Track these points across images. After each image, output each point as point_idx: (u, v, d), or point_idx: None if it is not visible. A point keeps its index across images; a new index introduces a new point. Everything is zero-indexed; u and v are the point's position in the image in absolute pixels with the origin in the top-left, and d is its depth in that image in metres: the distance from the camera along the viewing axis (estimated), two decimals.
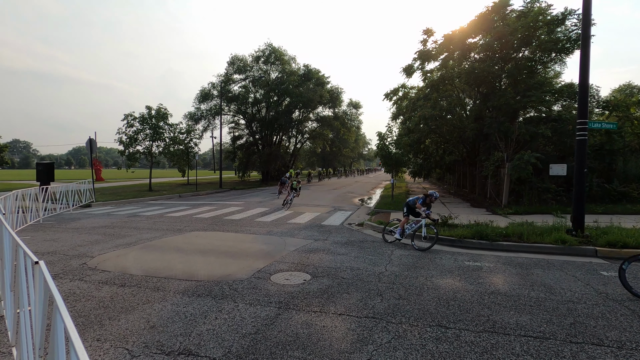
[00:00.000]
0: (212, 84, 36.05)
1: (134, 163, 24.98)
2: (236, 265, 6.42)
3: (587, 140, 8.48)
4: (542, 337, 3.72)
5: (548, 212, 11.91)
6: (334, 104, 40.90)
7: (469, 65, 16.83)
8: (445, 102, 18.63)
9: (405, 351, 3.42)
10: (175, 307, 4.47)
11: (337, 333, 3.80)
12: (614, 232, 7.87)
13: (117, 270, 6.08)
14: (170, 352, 3.39)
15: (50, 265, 6.36)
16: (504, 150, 14.48)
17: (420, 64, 19.18)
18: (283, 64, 37.02)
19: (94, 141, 17.26)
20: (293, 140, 43.54)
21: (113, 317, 4.17)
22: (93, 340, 3.61)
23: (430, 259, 6.97)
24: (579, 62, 8.17)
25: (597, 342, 3.62)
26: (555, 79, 17.90)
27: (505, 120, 14.93)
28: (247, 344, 3.55)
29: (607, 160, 14.31)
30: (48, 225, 10.84)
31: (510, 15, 16.07)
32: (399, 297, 4.84)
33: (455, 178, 27.08)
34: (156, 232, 9.57)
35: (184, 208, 15.32)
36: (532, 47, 15.37)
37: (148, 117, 24.29)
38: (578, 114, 8.38)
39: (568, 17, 14.51)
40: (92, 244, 8.09)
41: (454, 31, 17.50)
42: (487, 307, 4.50)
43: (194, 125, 33.17)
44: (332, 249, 7.74)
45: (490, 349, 3.46)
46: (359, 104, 49.96)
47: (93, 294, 4.92)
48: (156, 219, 12.17)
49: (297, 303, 4.62)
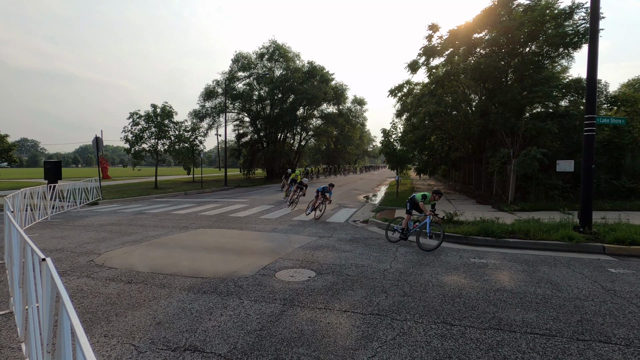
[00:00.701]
0: (217, 82, 36.09)
1: (140, 161, 25.16)
2: (241, 262, 6.45)
3: (595, 135, 8.37)
4: (548, 334, 3.69)
5: (555, 209, 11.79)
6: (339, 100, 40.72)
7: (474, 61, 16.67)
8: (450, 98, 18.49)
9: (410, 348, 3.42)
10: (181, 303, 4.50)
11: (341, 330, 3.80)
12: (622, 228, 7.77)
13: (124, 267, 6.14)
14: (176, 348, 3.42)
15: (58, 262, 6.44)
16: (510, 147, 14.34)
17: (425, 60, 19.03)
18: (287, 61, 36.93)
19: (100, 139, 17.40)
20: (297, 137, 43.45)
21: (120, 313, 4.21)
22: (100, 336, 3.65)
23: (435, 256, 6.95)
24: (587, 56, 8.04)
25: (604, 339, 3.58)
26: (563, 74, 17.66)
27: (512, 116, 14.79)
28: (252, 340, 3.57)
29: (616, 155, 14.12)
30: (56, 223, 10.97)
31: (516, 10, 15.87)
32: (403, 294, 4.83)
33: (461, 175, 26.91)
34: (162, 230, 9.64)
35: (190, 205, 15.41)
36: (539, 42, 15.19)
37: (153, 115, 24.42)
38: (586, 109, 8.27)
39: (576, 10, 14.31)
40: (99, 241, 8.18)
41: (460, 26, 17.32)
42: (493, 304, 4.48)
43: (198, 123, 33.30)
44: (336, 246, 7.74)
45: (496, 346, 3.44)
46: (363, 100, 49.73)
47: (100, 291, 4.97)
48: (162, 216, 12.25)
49: (302, 300, 4.63)
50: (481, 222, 8.98)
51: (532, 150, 12.93)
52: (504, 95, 15.03)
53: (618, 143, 13.92)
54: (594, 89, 8.16)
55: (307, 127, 42.54)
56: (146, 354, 3.30)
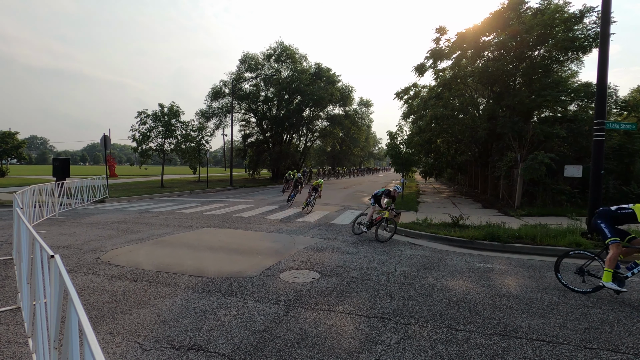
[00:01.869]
0: (224, 82, 36.30)
1: (147, 160, 25.37)
2: (246, 262, 6.46)
3: (604, 141, 8.27)
4: (555, 341, 3.65)
5: (562, 214, 11.66)
6: (345, 102, 40.73)
7: (482, 64, 16.60)
8: (457, 101, 18.40)
9: (414, 352, 3.40)
10: (186, 302, 4.52)
11: (345, 332, 3.79)
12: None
13: (130, 265, 6.18)
14: (180, 347, 3.43)
15: (65, 258, 6.50)
16: (517, 151, 14.22)
17: (433, 63, 18.98)
18: (294, 63, 37.05)
19: (108, 138, 17.58)
20: (303, 138, 43.51)
21: (125, 311, 4.24)
22: (106, 333, 3.68)
23: (440, 260, 6.90)
24: (597, 60, 7.96)
25: (612, 348, 3.53)
26: (572, 78, 17.49)
27: (519, 120, 14.66)
28: (255, 340, 3.57)
29: (626, 161, 13.92)
30: (63, 220, 11.09)
31: (526, 13, 15.76)
32: (408, 298, 4.81)
33: (467, 178, 26.74)
34: (167, 228, 9.70)
35: (195, 205, 15.49)
36: (549, 46, 15.05)
37: (160, 115, 24.63)
38: (595, 114, 8.18)
39: (586, 14, 14.17)
40: (106, 239, 8.25)
41: (468, 29, 17.25)
42: (499, 310, 4.43)
43: (205, 123, 33.55)
44: (341, 248, 7.73)
45: (501, 352, 3.41)
46: (369, 102, 49.66)
47: (106, 288, 5.01)
48: (167, 215, 12.33)
49: (305, 301, 4.63)
50: (487, 226, 8.91)
51: (539, 154, 12.80)
52: (511, 99, 14.91)
53: (629, 149, 13.73)
54: (604, 93, 8.06)
55: (313, 129, 42.61)
56: (150, 352, 3.32)
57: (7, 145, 34.44)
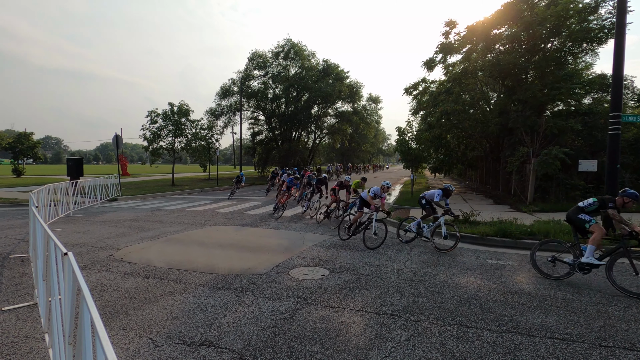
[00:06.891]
0: (233, 80, 36.48)
1: (158, 158, 25.69)
2: (255, 259, 6.50)
3: (620, 134, 8.05)
4: (569, 339, 3.58)
5: None
6: (353, 98, 40.53)
7: (493, 58, 16.26)
8: (467, 96, 18.11)
9: (424, 349, 3.37)
10: (197, 299, 4.58)
11: (355, 329, 3.78)
12: None
13: (142, 262, 6.28)
14: (191, 342, 3.47)
15: (79, 256, 6.64)
16: (530, 146, 13.95)
17: (442, 57, 18.69)
18: (302, 60, 36.99)
19: (119, 137, 17.84)
20: (312, 135, 43.50)
21: (138, 307, 4.31)
22: (119, 329, 3.75)
23: (450, 257, 6.83)
24: (613, 52, 7.74)
25: (629, 346, 3.45)
26: (586, 71, 17.04)
27: (532, 114, 14.36)
28: (266, 337, 3.60)
29: None
30: (77, 218, 11.32)
31: (538, 4, 15.38)
32: (418, 295, 4.77)
33: (478, 174, 26.36)
34: (178, 226, 9.82)
35: (205, 202, 15.64)
36: (562, 37, 14.67)
37: (170, 114, 24.89)
38: (611, 106, 7.96)
39: (602, 4, 13.76)
40: (118, 237, 8.39)
41: (478, 22, 16.93)
42: (511, 307, 4.37)
43: (214, 121, 33.80)
44: (350, 245, 7.71)
45: (513, 350, 3.36)
46: (378, 98, 49.36)
47: (119, 285, 5.10)
48: (178, 212, 12.48)
49: (315, 298, 4.64)
50: (499, 222, 8.77)
51: (553, 149, 12.53)
52: (523, 92, 14.60)
53: None
54: (620, 85, 7.84)
55: (322, 125, 42.54)
56: (163, 348, 3.37)
57: (23, 145, 35.33)
